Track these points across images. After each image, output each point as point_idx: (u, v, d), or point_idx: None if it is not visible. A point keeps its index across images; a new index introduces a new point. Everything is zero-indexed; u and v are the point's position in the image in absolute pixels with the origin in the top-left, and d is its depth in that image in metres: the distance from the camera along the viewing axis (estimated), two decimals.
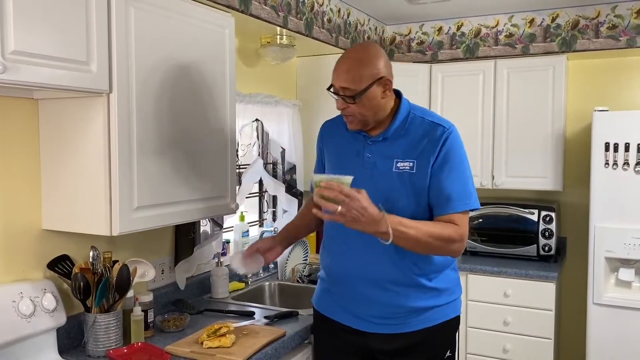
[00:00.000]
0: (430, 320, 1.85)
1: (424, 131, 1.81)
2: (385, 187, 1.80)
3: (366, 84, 1.74)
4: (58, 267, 1.87)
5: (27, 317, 1.71)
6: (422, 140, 1.80)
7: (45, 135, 1.83)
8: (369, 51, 1.79)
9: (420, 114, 1.86)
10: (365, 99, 1.76)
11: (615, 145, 2.95)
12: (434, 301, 1.85)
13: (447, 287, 1.89)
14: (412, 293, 1.82)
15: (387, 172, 1.81)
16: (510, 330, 3.23)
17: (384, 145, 1.84)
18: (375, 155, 1.84)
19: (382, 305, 1.84)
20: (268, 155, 3.25)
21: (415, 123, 1.83)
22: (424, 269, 1.82)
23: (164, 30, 1.86)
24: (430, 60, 3.74)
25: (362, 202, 1.58)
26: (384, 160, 1.82)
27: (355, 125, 1.83)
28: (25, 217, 1.83)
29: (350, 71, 1.75)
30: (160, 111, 1.86)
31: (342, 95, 1.77)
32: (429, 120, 1.84)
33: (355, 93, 1.75)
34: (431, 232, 1.71)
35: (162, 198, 1.87)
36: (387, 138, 1.84)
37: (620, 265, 3.02)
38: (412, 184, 1.78)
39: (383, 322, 1.85)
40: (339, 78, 1.77)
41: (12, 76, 1.38)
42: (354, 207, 1.57)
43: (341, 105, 1.80)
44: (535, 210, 3.39)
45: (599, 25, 3.28)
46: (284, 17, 2.66)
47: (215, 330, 1.94)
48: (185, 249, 2.43)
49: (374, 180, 1.81)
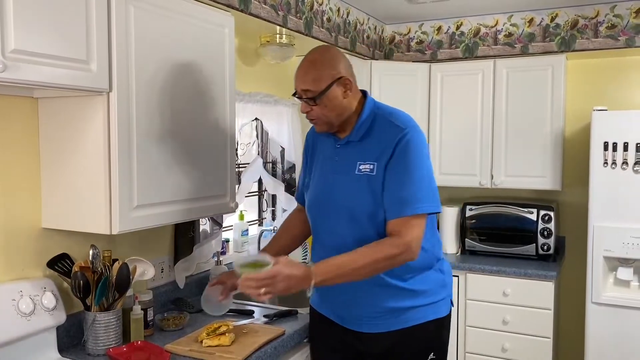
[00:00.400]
0: (407, 321, 1.82)
1: (385, 133, 1.78)
2: (348, 191, 1.80)
3: (325, 85, 1.75)
4: (58, 266, 1.87)
5: (27, 316, 1.71)
6: (382, 142, 1.77)
7: (45, 134, 1.83)
8: (326, 53, 1.81)
9: (385, 114, 1.83)
10: (326, 99, 1.76)
11: (614, 145, 2.95)
12: (410, 302, 1.82)
13: (426, 288, 1.85)
14: (387, 293, 1.81)
15: (351, 175, 1.80)
16: (509, 329, 3.24)
17: (348, 148, 1.84)
18: (342, 159, 1.85)
19: (361, 305, 1.85)
20: (267, 154, 3.26)
21: (379, 124, 1.81)
22: (394, 271, 1.78)
23: (164, 30, 1.86)
24: (430, 60, 3.75)
25: (282, 275, 1.57)
26: (349, 163, 1.82)
27: (321, 127, 1.84)
28: (25, 216, 1.83)
29: (308, 73, 1.77)
30: (160, 110, 1.86)
31: (304, 98, 1.78)
32: (390, 121, 1.80)
33: (316, 94, 1.75)
34: (365, 261, 1.67)
35: (161, 197, 1.88)
36: (350, 141, 1.83)
37: (619, 265, 3.02)
38: (370, 186, 1.76)
39: (363, 321, 1.86)
40: (299, 81, 1.79)
41: (12, 75, 1.38)
42: (279, 283, 1.57)
43: (304, 108, 1.81)
44: (534, 210, 3.39)
45: (598, 25, 3.29)
46: (283, 16, 2.66)
47: (214, 329, 1.94)
48: (185, 248, 2.43)
49: (340, 184, 1.83)
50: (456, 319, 3.37)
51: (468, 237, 3.56)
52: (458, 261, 3.41)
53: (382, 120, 1.82)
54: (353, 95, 1.82)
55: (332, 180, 1.85)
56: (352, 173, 1.80)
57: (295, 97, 1.84)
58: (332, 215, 1.84)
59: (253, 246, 3.02)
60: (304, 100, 1.79)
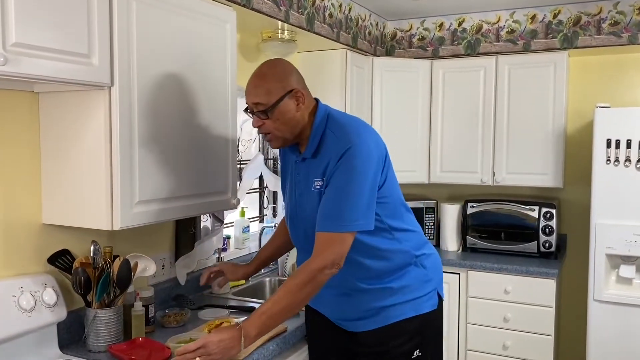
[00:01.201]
0: (387, 319, 1.81)
1: (331, 147, 1.72)
2: (306, 207, 1.79)
3: (276, 98, 1.70)
4: (58, 262, 1.86)
5: (28, 312, 1.70)
6: (328, 156, 1.72)
7: (46, 129, 1.82)
8: (276, 66, 1.76)
9: (335, 126, 1.76)
10: (278, 112, 1.71)
11: (616, 142, 2.94)
12: (390, 300, 1.80)
13: (405, 284, 1.82)
14: (366, 296, 1.81)
15: (309, 191, 1.77)
16: (511, 327, 3.23)
17: (305, 164, 1.80)
18: (301, 175, 1.82)
19: (342, 306, 1.87)
20: (268, 151, 3.24)
21: (328, 138, 1.75)
22: (370, 276, 1.79)
23: (165, 24, 1.85)
24: (432, 57, 3.73)
25: (211, 342, 1.55)
26: (307, 179, 1.79)
27: (275, 142, 1.79)
28: (25, 212, 1.82)
29: (258, 86, 1.72)
30: (162, 105, 1.85)
31: (255, 112, 1.73)
32: (338, 134, 1.73)
33: (267, 107, 1.70)
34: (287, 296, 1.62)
35: (163, 193, 1.87)
36: (306, 157, 1.79)
37: (621, 262, 3.02)
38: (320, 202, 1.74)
39: (350, 321, 1.87)
40: (249, 95, 1.73)
41: (13, 68, 1.37)
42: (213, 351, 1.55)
43: (256, 123, 1.76)
44: (536, 207, 3.38)
45: (600, 22, 3.28)
46: (285, 11, 2.65)
47: (216, 325, 1.93)
48: (186, 244, 2.42)
49: (300, 200, 1.82)
50: (457, 316, 3.36)
51: (469, 234, 3.55)
52: (459, 258, 3.40)
53: (330, 134, 1.75)
54: (306, 107, 1.77)
55: (296, 195, 1.85)
56: (310, 189, 1.77)
57: (247, 113, 1.78)
58: (299, 229, 1.87)
59: (254, 243, 3.01)
60: (255, 115, 1.74)
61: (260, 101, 1.71)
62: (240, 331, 1.58)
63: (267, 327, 1.64)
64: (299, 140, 1.81)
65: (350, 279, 1.80)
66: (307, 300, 1.71)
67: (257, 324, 1.60)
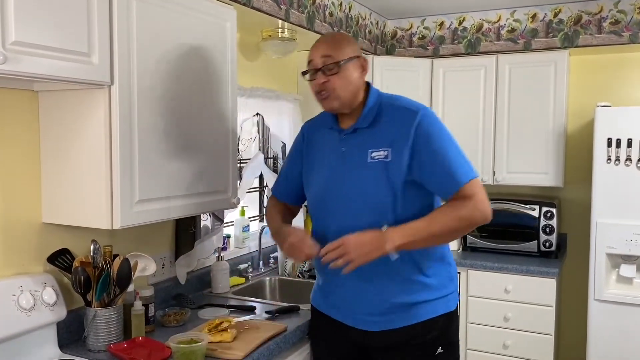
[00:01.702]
0: (418, 316, 1.79)
1: (396, 117, 1.77)
2: (361, 179, 1.77)
3: (347, 56, 1.76)
4: (58, 261, 1.86)
5: (28, 311, 1.70)
6: (395, 126, 1.75)
7: (46, 128, 1.82)
8: (344, 34, 1.88)
9: (391, 100, 1.83)
10: (347, 71, 1.76)
11: (617, 141, 2.94)
12: (422, 296, 1.79)
13: (437, 281, 1.82)
14: (401, 287, 1.78)
15: (362, 163, 1.77)
16: (511, 326, 3.23)
17: (356, 136, 1.81)
18: (350, 148, 1.81)
19: (371, 301, 1.80)
20: (269, 150, 3.24)
21: (387, 110, 1.80)
22: (414, 261, 1.77)
23: (165, 23, 1.84)
24: (432, 55, 3.73)
25: (350, 242, 1.64)
26: (358, 152, 1.78)
27: (331, 102, 1.78)
28: (25, 211, 1.81)
29: (330, 42, 1.79)
30: (162, 104, 1.84)
31: (323, 67, 1.75)
32: (398, 105, 1.80)
33: (338, 61, 1.74)
34: (445, 221, 1.69)
35: (163, 192, 1.86)
36: (358, 129, 1.81)
37: (622, 262, 3.01)
38: (387, 172, 1.73)
39: (371, 319, 1.81)
40: (320, 48, 1.78)
41: (12, 67, 1.36)
42: (348, 249, 1.64)
43: (320, 79, 1.76)
44: (536, 206, 3.38)
45: (601, 21, 3.27)
46: (285, 10, 2.64)
47: (216, 325, 1.93)
48: (186, 244, 2.42)
49: (350, 174, 1.79)
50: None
51: (469, 233, 3.55)
52: (459, 258, 3.40)
53: (390, 105, 1.80)
54: (364, 80, 1.83)
55: (342, 172, 1.80)
56: (364, 161, 1.76)
57: (305, 75, 1.81)
58: (344, 208, 1.78)
59: (254, 242, 3.01)
60: (322, 70, 1.76)
61: (332, 54, 1.75)
62: (383, 237, 1.64)
63: (411, 243, 1.67)
64: (348, 110, 1.81)
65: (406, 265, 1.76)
66: (455, 237, 1.80)
67: (404, 235, 1.65)
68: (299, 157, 2.00)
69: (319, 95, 1.81)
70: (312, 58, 1.79)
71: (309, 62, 1.81)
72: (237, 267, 2.82)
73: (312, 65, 1.79)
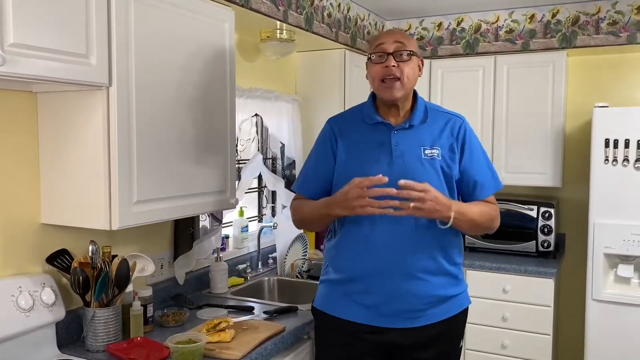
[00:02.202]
0: (448, 311, 1.86)
1: (444, 121, 1.89)
2: (416, 174, 1.79)
3: (416, 49, 1.86)
4: (57, 262, 1.86)
5: (26, 312, 1.70)
6: (444, 129, 1.87)
7: (44, 129, 1.82)
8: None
9: (434, 106, 1.97)
10: (414, 62, 1.85)
11: (615, 142, 2.95)
12: (454, 289, 1.88)
13: (461, 276, 1.93)
14: (436, 282, 1.82)
15: (417, 159, 1.83)
16: (509, 326, 3.23)
17: (410, 133, 1.86)
18: (403, 144, 1.84)
19: (411, 297, 1.79)
20: (267, 150, 3.24)
21: (433, 113, 1.91)
22: (450, 256, 1.86)
23: (163, 24, 1.85)
24: (430, 56, 3.74)
25: (432, 192, 1.68)
26: (412, 148, 1.84)
27: (397, 90, 1.81)
28: (23, 211, 1.82)
29: (402, 33, 1.90)
30: (160, 105, 1.85)
31: (395, 52, 1.80)
32: (443, 111, 1.94)
33: (411, 50, 1.82)
34: (482, 211, 1.86)
35: (161, 192, 1.87)
36: (413, 125, 1.87)
37: (620, 262, 3.02)
38: (441, 169, 1.83)
39: (407, 315, 1.81)
40: (392, 34, 1.84)
41: (11, 69, 1.37)
42: (430, 197, 1.67)
43: (390, 63, 1.79)
44: (534, 207, 3.39)
45: (599, 22, 3.28)
46: (284, 11, 2.65)
47: (214, 325, 1.94)
48: (185, 244, 2.42)
49: (405, 168, 1.81)
50: None
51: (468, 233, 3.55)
52: None
53: (435, 110, 1.94)
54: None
55: (393, 165, 1.80)
56: (419, 157, 1.83)
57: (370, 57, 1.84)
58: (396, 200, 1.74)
59: (253, 242, 3.02)
60: (393, 55, 1.80)
61: (407, 44, 1.83)
62: (450, 202, 1.74)
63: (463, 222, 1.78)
64: (403, 104, 1.87)
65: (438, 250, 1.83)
66: (478, 232, 1.97)
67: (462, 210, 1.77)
68: (329, 152, 1.93)
69: (384, 82, 1.81)
70: (382, 41, 1.82)
71: (377, 45, 1.83)
72: (235, 267, 2.83)
73: (381, 48, 1.82)
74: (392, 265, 1.79)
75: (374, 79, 1.84)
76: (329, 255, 1.95)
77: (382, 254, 1.79)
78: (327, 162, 1.93)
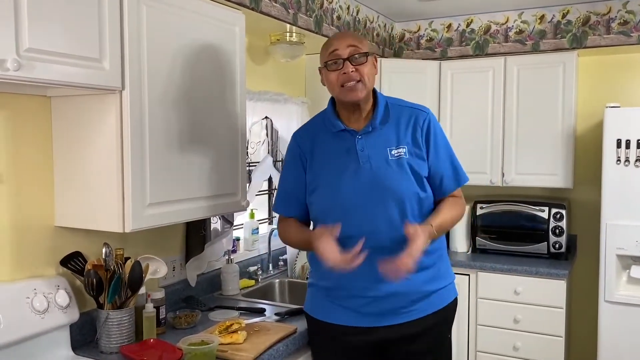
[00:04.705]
0: (438, 303, 1.89)
1: (407, 116, 1.87)
2: (385, 176, 1.81)
3: (369, 50, 1.83)
4: (71, 264, 1.88)
5: (41, 313, 1.72)
6: (408, 124, 1.86)
7: (58, 133, 1.84)
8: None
9: (395, 101, 1.93)
10: (371, 62, 1.83)
11: (627, 142, 2.93)
12: (439, 283, 1.90)
13: (445, 269, 1.95)
14: (422, 277, 1.84)
15: (384, 161, 1.82)
16: (521, 328, 3.22)
17: (374, 135, 1.85)
18: (368, 148, 1.83)
19: (398, 296, 1.82)
20: (277, 152, 3.25)
21: (395, 110, 1.89)
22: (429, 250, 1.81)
23: (175, 28, 1.86)
24: (440, 58, 3.73)
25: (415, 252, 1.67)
26: (378, 150, 1.83)
27: (359, 92, 1.79)
28: (38, 214, 1.84)
29: (353, 35, 1.86)
30: (172, 108, 1.86)
31: (355, 55, 1.78)
32: (407, 106, 1.91)
33: (366, 51, 1.80)
34: (453, 215, 1.88)
35: (173, 195, 1.88)
36: (376, 127, 1.85)
37: (632, 263, 3.00)
38: (409, 167, 1.82)
39: (392, 313, 1.84)
40: (348, 39, 1.81)
41: (26, 73, 1.39)
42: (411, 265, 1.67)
43: (349, 67, 1.77)
44: (546, 208, 3.37)
45: (610, 21, 3.26)
46: (293, 14, 2.66)
47: (227, 327, 1.94)
48: (196, 246, 2.44)
49: (373, 173, 1.81)
50: (467, 317, 3.35)
51: (479, 235, 3.54)
52: (469, 260, 3.40)
53: (397, 106, 1.90)
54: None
55: (362, 171, 1.81)
56: (386, 159, 1.83)
57: (326, 64, 1.81)
58: (371, 205, 1.79)
59: (263, 244, 3.03)
60: (352, 58, 1.78)
61: (360, 46, 1.81)
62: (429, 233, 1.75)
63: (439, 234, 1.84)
64: (363, 106, 1.86)
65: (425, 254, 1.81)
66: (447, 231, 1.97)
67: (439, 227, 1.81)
68: (300, 167, 1.93)
69: (344, 87, 1.80)
70: (336, 48, 1.79)
71: (331, 52, 1.80)
72: (246, 269, 2.84)
73: (336, 55, 1.79)
74: (372, 270, 1.73)
75: (333, 86, 1.82)
76: (312, 261, 1.96)
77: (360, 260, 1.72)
78: (301, 179, 1.93)
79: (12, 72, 1.35)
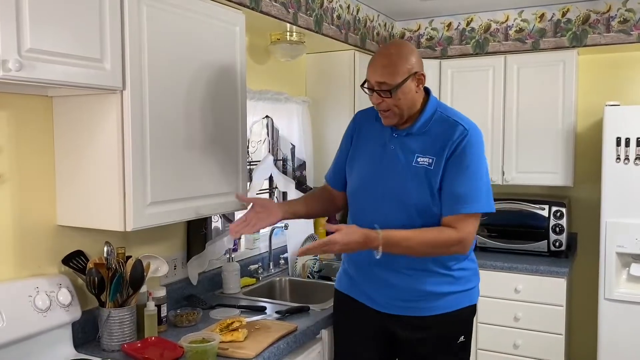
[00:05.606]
0: (443, 308, 1.91)
1: (445, 129, 1.87)
2: (402, 179, 1.87)
3: (402, 78, 1.81)
4: (73, 263, 1.89)
5: (43, 312, 1.73)
6: (442, 137, 1.86)
7: (60, 132, 1.85)
8: (404, 47, 1.87)
9: (446, 112, 1.92)
10: (401, 92, 1.82)
11: (626, 140, 2.93)
12: (448, 288, 1.91)
13: (462, 275, 1.95)
14: (427, 278, 1.89)
15: (407, 165, 1.87)
16: (521, 326, 3.23)
17: (407, 139, 1.91)
18: (399, 148, 1.90)
19: (398, 288, 1.91)
20: (278, 151, 3.26)
21: (439, 120, 1.90)
22: (440, 259, 1.89)
23: (176, 28, 1.87)
24: (440, 56, 3.74)
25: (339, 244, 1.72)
26: (406, 153, 1.89)
27: (391, 119, 1.88)
28: (40, 213, 1.85)
29: (387, 66, 1.82)
30: (173, 108, 1.87)
31: (377, 90, 1.83)
32: (453, 119, 1.89)
33: (392, 87, 1.81)
34: (425, 241, 1.80)
35: (174, 194, 1.89)
36: (411, 133, 1.90)
37: (632, 261, 3.00)
38: (427, 179, 1.84)
39: (398, 304, 1.93)
40: (376, 73, 1.83)
41: (28, 74, 1.40)
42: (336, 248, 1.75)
43: (376, 100, 1.85)
44: (546, 206, 3.38)
45: (610, 20, 3.26)
46: (293, 13, 2.67)
47: (227, 324, 1.95)
48: (197, 245, 2.45)
49: (394, 171, 1.89)
50: None
51: (479, 233, 3.54)
52: None
53: (443, 118, 1.90)
54: (421, 90, 1.90)
55: (385, 167, 1.91)
56: (410, 164, 1.86)
57: (364, 88, 1.87)
58: (380, 201, 1.90)
59: (264, 243, 3.04)
60: (376, 92, 1.83)
61: (386, 81, 1.81)
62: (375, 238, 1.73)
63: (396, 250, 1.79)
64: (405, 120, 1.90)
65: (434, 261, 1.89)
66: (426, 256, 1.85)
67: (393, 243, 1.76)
68: (349, 143, 2.09)
69: (378, 110, 1.90)
70: (368, 77, 1.86)
71: (367, 77, 1.87)
72: (247, 267, 2.85)
73: (368, 84, 1.87)
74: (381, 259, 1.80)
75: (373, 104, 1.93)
76: None
77: None
78: (344, 154, 2.10)
79: (13, 73, 1.36)
